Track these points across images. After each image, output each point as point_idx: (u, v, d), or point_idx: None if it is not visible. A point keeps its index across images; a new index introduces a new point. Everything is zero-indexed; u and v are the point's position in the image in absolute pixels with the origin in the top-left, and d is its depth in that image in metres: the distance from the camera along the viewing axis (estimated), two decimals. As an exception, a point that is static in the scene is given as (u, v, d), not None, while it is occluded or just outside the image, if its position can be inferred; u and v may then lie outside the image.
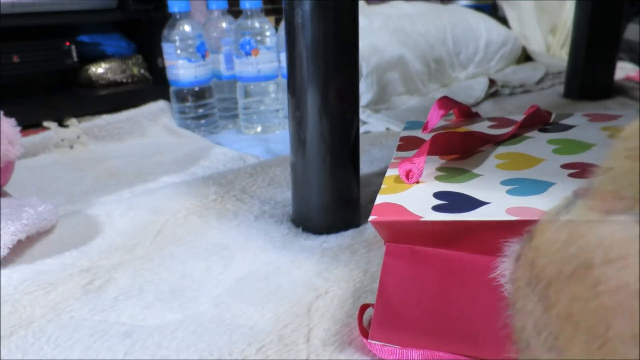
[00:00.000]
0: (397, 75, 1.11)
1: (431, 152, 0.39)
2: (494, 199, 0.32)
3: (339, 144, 0.53)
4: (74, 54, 1.04)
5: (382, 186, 0.37)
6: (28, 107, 0.95)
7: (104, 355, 0.39)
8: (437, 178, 0.37)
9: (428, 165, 0.39)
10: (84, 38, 1.12)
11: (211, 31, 1.00)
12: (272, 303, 0.44)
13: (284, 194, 0.66)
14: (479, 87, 1.16)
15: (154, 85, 1.12)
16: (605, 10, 1.03)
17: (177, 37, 0.93)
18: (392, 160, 0.42)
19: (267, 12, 1.32)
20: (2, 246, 0.52)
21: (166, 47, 0.95)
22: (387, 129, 0.94)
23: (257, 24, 0.93)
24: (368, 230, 0.56)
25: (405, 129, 0.51)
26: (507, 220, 0.29)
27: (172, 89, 0.99)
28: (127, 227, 0.59)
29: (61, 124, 0.95)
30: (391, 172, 0.39)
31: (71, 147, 0.92)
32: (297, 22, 0.50)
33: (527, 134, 0.45)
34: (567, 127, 0.46)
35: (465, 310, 0.31)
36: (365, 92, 1.04)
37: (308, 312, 0.42)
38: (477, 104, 1.11)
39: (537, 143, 0.43)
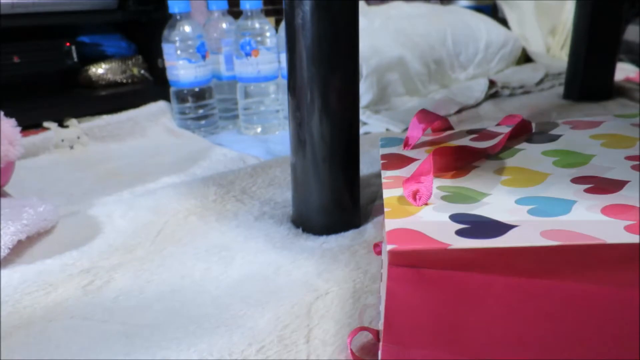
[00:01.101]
0: (397, 76, 1.11)
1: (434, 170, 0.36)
2: (519, 221, 0.29)
3: (339, 145, 0.53)
4: (74, 55, 1.04)
5: (386, 209, 0.33)
6: (28, 107, 0.95)
7: (104, 355, 0.39)
8: (444, 199, 0.33)
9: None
10: (84, 38, 1.12)
11: (211, 32, 1.00)
12: (272, 303, 0.44)
13: (284, 195, 0.66)
14: (479, 88, 1.16)
15: (154, 85, 1.12)
16: (605, 12, 1.03)
17: (177, 38, 0.94)
18: (384, 180, 0.38)
19: (267, 13, 1.32)
20: (3, 246, 0.52)
21: (166, 48, 0.95)
22: (387, 129, 0.94)
23: (257, 25, 0.93)
24: (368, 231, 0.56)
25: (382, 146, 0.47)
26: (547, 246, 0.26)
27: (172, 89, 0.99)
28: (127, 228, 0.59)
29: (61, 125, 0.95)
30: (390, 193, 0.35)
31: (71, 147, 0.92)
32: (298, 22, 0.50)
33: (516, 146, 0.43)
34: (555, 137, 0.44)
35: (480, 334, 0.29)
36: (365, 93, 1.04)
37: (308, 313, 0.42)
38: (477, 104, 1.11)
39: (532, 155, 0.40)
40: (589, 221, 0.28)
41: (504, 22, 1.46)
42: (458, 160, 0.39)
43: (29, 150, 0.86)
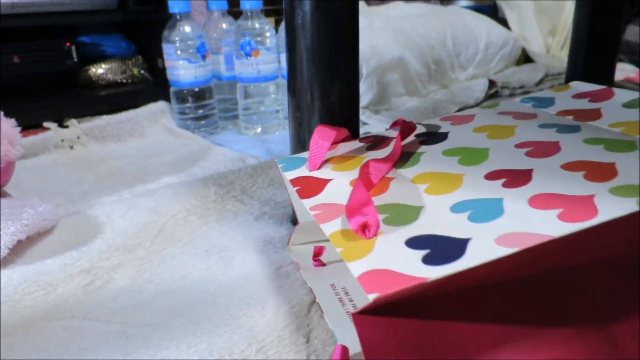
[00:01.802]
0: (397, 77, 1.11)
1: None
2: (469, 233, 0.30)
3: (339, 145, 0.53)
4: (74, 55, 1.04)
5: (338, 248, 0.32)
6: (28, 107, 0.95)
7: (104, 355, 0.39)
8: (386, 222, 0.33)
9: None
10: (84, 39, 1.12)
11: (211, 32, 1.00)
12: (272, 303, 0.44)
13: (284, 195, 0.66)
14: (479, 88, 1.16)
15: (154, 85, 1.12)
16: (605, 12, 1.03)
17: (177, 38, 0.94)
18: (312, 212, 0.37)
19: (267, 13, 1.32)
20: (2, 246, 0.52)
21: (166, 48, 0.95)
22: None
23: (257, 25, 0.93)
24: (368, 231, 0.56)
25: (284, 169, 0.46)
26: (509, 255, 0.27)
27: (172, 89, 0.99)
28: (127, 228, 0.59)
29: (61, 125, 0.95)
30: (330, 227, 0.34)
31: (71, 147, 0.92)
32: (298, 23, 0.50)
33: (416, 150, 0.44)
34: (444, 136, 0.45)
35: (458, 337, 0.29)
36: (365, 93, 1.04)
37: (308, 313, 0.42)
38: (477, 104, 1.11)
39: (435, 157, 0.41)
40: (526, 217, 0.30)
41: (504, 22, 1.46)
42: (375, 177, 0.39)
43: (29, 150, 0.86)
